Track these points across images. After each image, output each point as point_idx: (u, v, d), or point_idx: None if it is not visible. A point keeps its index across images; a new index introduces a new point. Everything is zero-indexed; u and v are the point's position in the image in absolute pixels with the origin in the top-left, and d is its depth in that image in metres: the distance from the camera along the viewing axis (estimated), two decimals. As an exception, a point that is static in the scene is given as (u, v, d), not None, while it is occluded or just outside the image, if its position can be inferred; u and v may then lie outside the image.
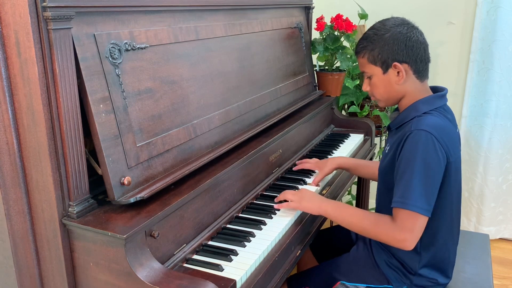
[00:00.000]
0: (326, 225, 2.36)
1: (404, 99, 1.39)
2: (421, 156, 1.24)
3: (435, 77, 2.66)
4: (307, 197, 1.42)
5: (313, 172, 1.75)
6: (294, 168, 1.76)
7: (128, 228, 1.01)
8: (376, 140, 2.47)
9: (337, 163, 1.73)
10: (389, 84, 1.37)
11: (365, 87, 1.44)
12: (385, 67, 1.35)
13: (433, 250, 1.38)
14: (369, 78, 1.41)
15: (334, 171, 1.79)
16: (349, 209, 1.39)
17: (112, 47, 1.11)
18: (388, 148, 1.42)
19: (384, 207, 1.40)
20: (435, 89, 1.42)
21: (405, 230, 1.25)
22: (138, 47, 1.19)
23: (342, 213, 1.38)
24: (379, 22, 1.40)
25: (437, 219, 1.32)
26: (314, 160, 1.78)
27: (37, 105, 0.99)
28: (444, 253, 1.40)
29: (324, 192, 1.66)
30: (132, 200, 1.09)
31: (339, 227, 1.74)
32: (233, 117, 1.54)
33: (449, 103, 1.41)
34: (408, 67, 1.34)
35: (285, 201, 1.45)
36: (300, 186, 1.63)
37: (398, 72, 1.34)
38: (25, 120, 1.02)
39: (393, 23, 1.36)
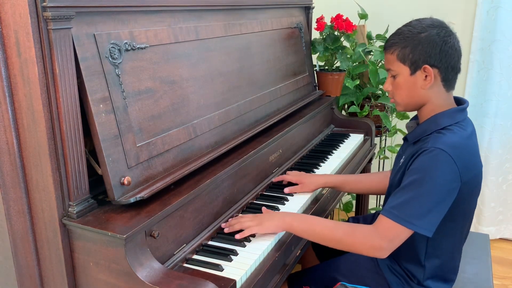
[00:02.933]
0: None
1: (426, 107, 1.31)
2: (433, 174, 1.18)
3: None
4: (267, 217, 1.31)
5: (315, 170, 1.75)
6: (274, 179, 1.62)
7: (128, 228, 1.02)
8: (376, 140, 2.47)
9: (322, 183, 1.60)
10: (414, 87, 1.29)
11: (387, 86, 1.35)
12: (414, 68, 1.27)
13: (438, 262, 1.35)
14: (394, 77, 1.32)
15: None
16: (318, 220, 1.32)
17: (112, 47, 1.11)
18: (402, 160, 1.35)
19: None
20: (457, 101, 1.34)
21: (385, 239, 1.20)
22: (138, 47, 1.19)
23: (311, 226, 1.29)
24: (416, 20, 1.31)
25: (446, 235, 1.26)
26: (296, 172, 1.65)
27: (37, 105, 0.99)
28: (450, 263, 1.38)
29: (324, 192, 1.65)
30: (132, 200, 1.09)
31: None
32: (233, 117, 1.54)
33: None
34: (437, 72, 1.26)
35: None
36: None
37: (426, 76, 1.27)
38: (25, 120, 1.02)
39: (431, 24, 1.27)
